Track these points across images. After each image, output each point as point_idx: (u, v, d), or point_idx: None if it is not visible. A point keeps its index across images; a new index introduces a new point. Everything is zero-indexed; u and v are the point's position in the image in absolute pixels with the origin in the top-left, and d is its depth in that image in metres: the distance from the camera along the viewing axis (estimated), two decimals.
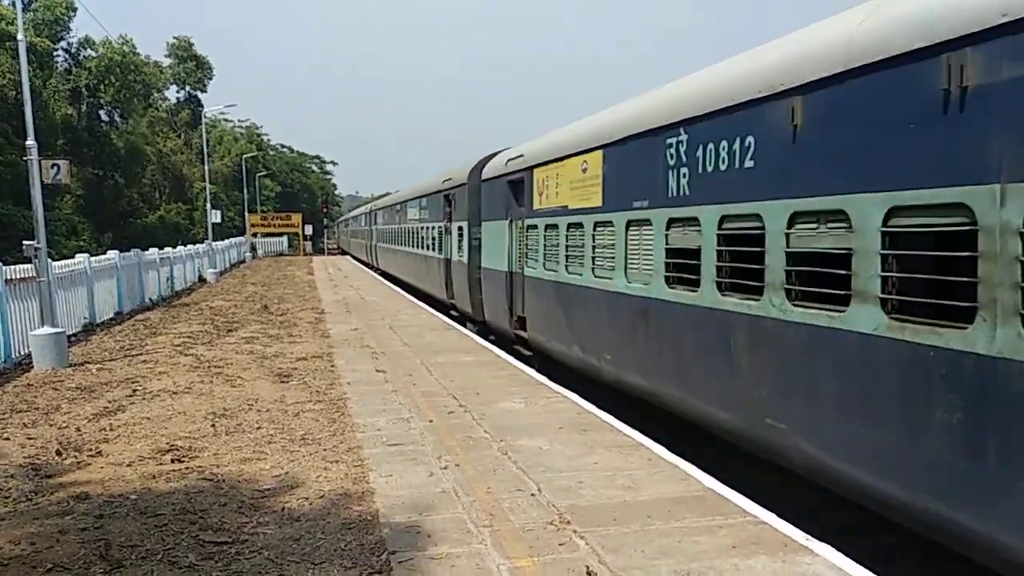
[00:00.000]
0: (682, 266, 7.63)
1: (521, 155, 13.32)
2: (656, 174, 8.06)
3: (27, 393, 10.43)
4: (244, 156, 73.84)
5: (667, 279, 7.87)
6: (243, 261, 52.62)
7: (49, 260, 13.32)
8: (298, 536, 5.31)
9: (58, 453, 7.42)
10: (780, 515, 5.63)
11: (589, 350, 10.08)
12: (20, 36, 13.30)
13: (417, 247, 25.25)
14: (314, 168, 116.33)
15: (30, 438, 8.06)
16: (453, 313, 19.13)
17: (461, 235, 17.80)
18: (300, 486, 6.35)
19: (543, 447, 7.40)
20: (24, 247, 12.80)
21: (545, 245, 11.69)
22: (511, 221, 13.70)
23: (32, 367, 12.22)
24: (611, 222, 9.20)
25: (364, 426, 8.25)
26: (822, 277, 5.59)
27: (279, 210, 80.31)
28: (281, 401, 9.52)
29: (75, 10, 54.32)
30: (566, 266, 10.81)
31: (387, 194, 57.86)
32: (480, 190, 16.30)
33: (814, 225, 5.71)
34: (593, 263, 9.86)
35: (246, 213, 65.17)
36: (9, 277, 12.82)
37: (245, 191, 68.10)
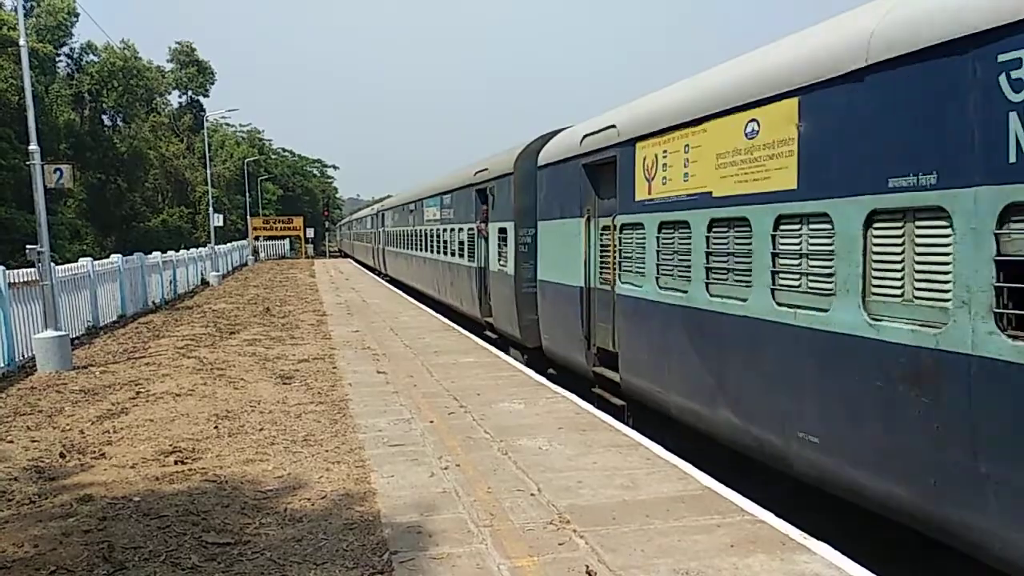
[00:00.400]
0: None
1: (610, 126, 9.62)
2: (965, 125, 4.50)
3: (31, 396, 10.48)
4: (246, 160, 73.95)
5: (997, 319, 4.33)
6: (245, 264, 52.70)
7: (52, 264, 13.37)
8: (300, 537, 5.35)
9: (62, 456, 7.47)
10: (778, 514, 5.66)
11: (760, 420, 6.50)
12: (22, 41, 13.36)
13: (437, 252, 21.52)
14: (315, 172, 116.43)
15: (34, 441, 8.11)
16: (489, 335, 15.67)
17: (504, 239, 14.08)
18: (302, 487, 6.39)
19: (543, 447, 7.44)
20: (27, 251, 12.86)
21: (661, 252, 8.23)
22: (588, 219, 10.29)
23: (36, 370, 12.27)
24: (826, 215, 5.66)
25: (365, 427, 8.29)
26: None
27: (281, 213, 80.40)
28: (283, 403, 9.57)
29: (77, 15, 54.54)
30: (708, 284, 7.27)
31: (388, 196, 53.17)
32: (535, 180, 12.72)
33: None
34: (777, 282, 6.27)
35: (248, 217, 65.23)
36: (13, 281, 12.88)
37: (247, 195, 68.18)
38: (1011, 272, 4.26)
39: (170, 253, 27.72)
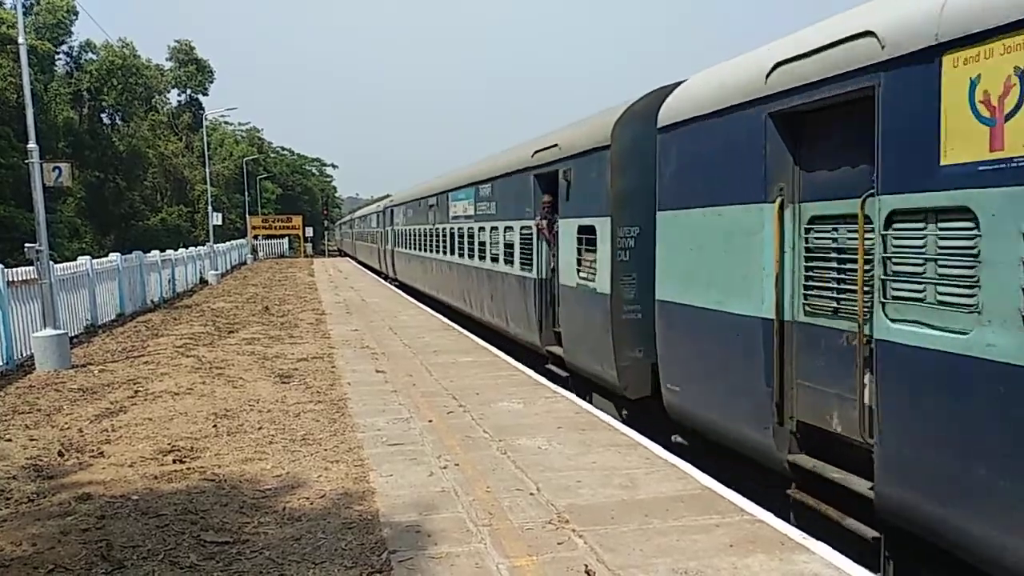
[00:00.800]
0: None
1: (846, 39, 5.42)
2: None
3: (29, 394, 10.47)
4: (245, 159, 73.95)
5: None
6: (244, 263, 52.66)
7: (51, 262, 13.36)
8: (299, 536, 5.35)
9: (60, 454, 7.46)
10: (777, 514, 5.66)
11: None
12: (21, 39, 13.35)
13: (469, 257, 17.23)
14: (314, 171, 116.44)
15: (32, 439, 8.10)
16: (553, 369, 11.65)
17: (589, 241, 9.98)
18: (301, 486, 6.39)
19: (542, 447, 7.44)
20: (26, 249, 12.85)
21: None
22: (781, 204, 6.17)
23: (34, 369, 12.26)
24: None
25: (364, 426, 8.29)
26: None
27: (280, 212, 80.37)
28: (282, 402, 9.56)
29: (76, 14, 54.53)
30: None
31: (386, 196, 50.28)
32: (652, 151, 8.32)
33: None
34: None
35: (247, 215, 65.23)
36: (11, 279, 12.87)
37: (246, 193, 68.21)
38: None
39: (169, 252, 27.71)
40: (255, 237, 64.15)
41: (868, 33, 5.15)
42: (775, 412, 6.22)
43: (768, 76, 6.30)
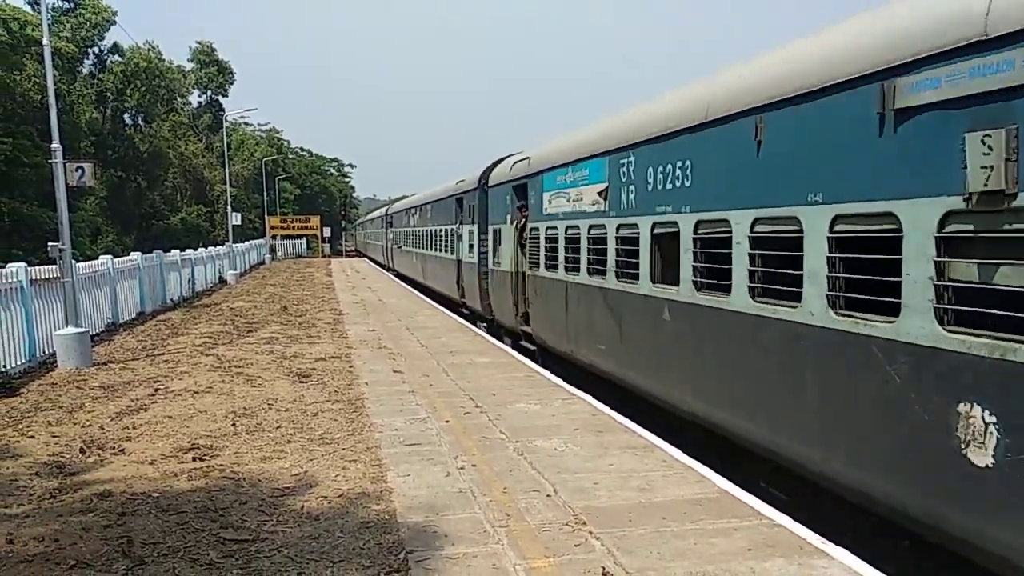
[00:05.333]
0: None
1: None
2: None
3: (51, 392, 10.59)
4: (264, 159, 74.46)
5: None
6: (263, 263, 53.02)
7: (73, 261, 13.51)
8: (317, 535, 5.37)
9: (82, 451, 7.54)
10: (795, 518, 5.62)
11: None
12: (45, 41, 13.51)
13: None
14: (332, 171, 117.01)
15: (54, 436, 8.20)
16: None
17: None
18: (319, 485, 6.42)
19: (558, 448, 7.43)
20: (49, 248, 12.99)
21: None
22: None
23: (56, 366, 12.40)
24: None
25: (382, 426, 8.31)
26: None
27: (298, 213, 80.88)
28: (300, 401, 9.61)
29: (114, 22, 55.50)
30: None
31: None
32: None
33: None
34: None
35: (266, 215, 65.72)
36: (34, 278, 13.02)
37: (265, 194, 68.69)
38: None
39: (188, 251, 27.94)
40: (273, 237, 64.63)
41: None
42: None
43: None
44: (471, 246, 18.45)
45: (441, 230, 23.51)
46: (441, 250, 23.59)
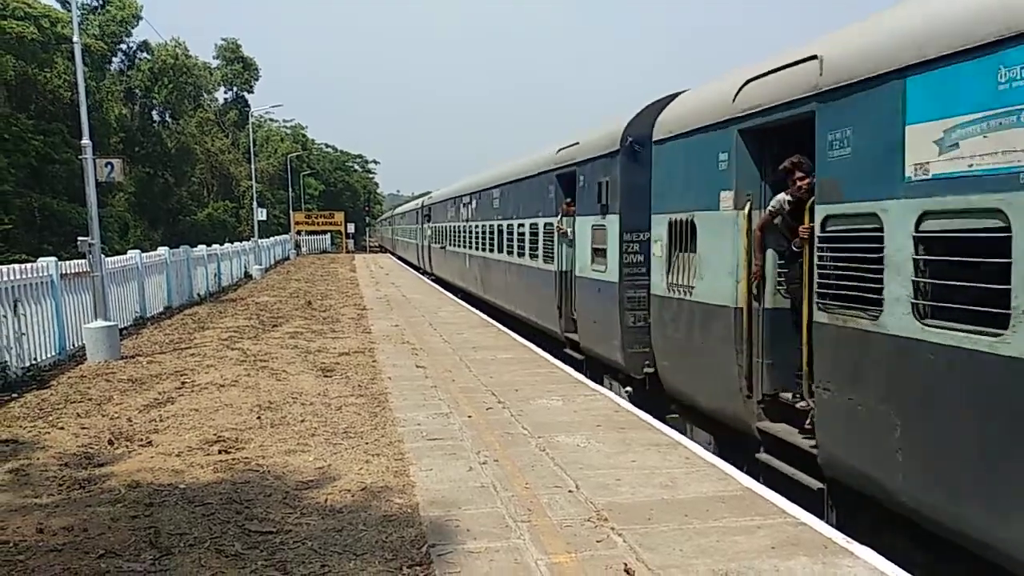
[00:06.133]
0: None
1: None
2: None
3: (81, 384, 10.76)
4: (289, 155, 74.97)
5: None
6: (287, 258, 53.46)
7: (102, 256, 13.70)
8: (340, 527, 5.41)
9: (110, 443, 7.66)
10: (820, 517, 5.57)
11: None
12: (75, 38, 13.70)
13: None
14: (356, 167, 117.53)
15: (83, 428, 8.33)
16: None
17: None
18: (342, 478, 6.47)
19: (581, 444, 7.42)
20: (78, 243, 13.19)
21: None
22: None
23: (85, 359, 12.59)
24: None
25: (404, 420, 8.36)
26: None
27: (323, 208, 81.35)
28: (324, 395, 9.69)
29: (140, 17, 56.13)
30: None
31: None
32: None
33: None
34: None
35: (291, 211, 66.17)
36: (64, 272, 13.23)
37: (290, 189, 69.15)
38: None
39: (215, 246, 28.20)
40: (298, 233, 65.06)
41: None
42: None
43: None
44: (600, 252, 10.92)
45: (522, 225, 15.66)
46: (521, 254, 15.71)
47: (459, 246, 24.21)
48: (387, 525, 5.44)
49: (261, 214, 45.16)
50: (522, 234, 15.67)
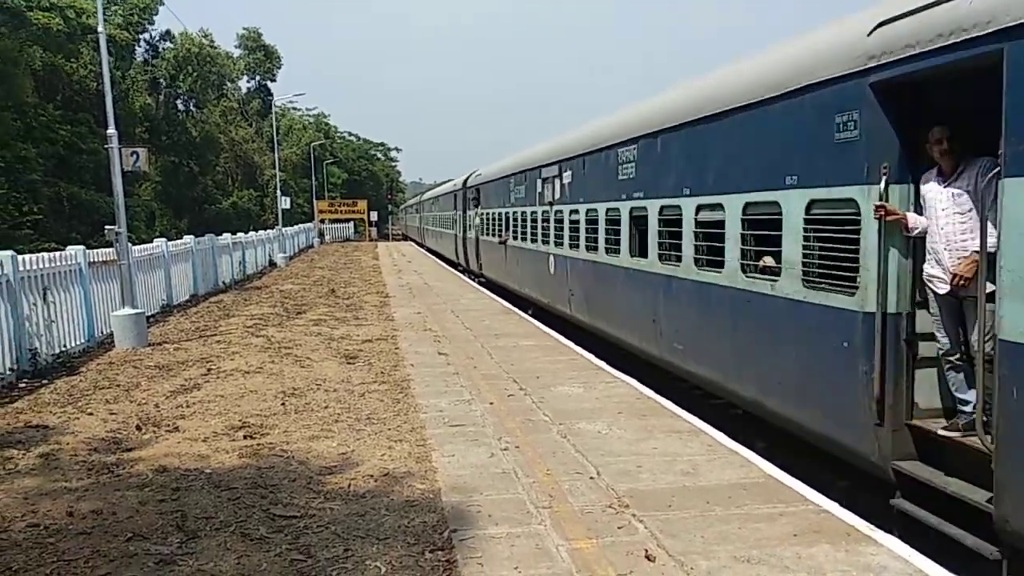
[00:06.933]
0: None
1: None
2: None
3: (109, 371, 10.93)
4: (312, 144, 75.30)
5: None
6: (311, 246, 53.78)
7: (129, 244, 13.87)
8: (363, 512, 5.47)
9: (138, 428, 7.78)
10: (843, 504, 5.54)
11: None
12: (100, 28, 13.82)
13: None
14: (379, 155, 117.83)
15: (112, 413, 8.47)
16: None
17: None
18: (365, 464, 6.53)
19: (602, 431, 7.42)
20: (106, 231, 13.36)
21: None
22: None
23: (114, 346, 12.78)
24: None
25: (427, 407, 8.40)
26: None
27: (345, 197, 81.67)
28: (347, 381, 9.76)
29: (162, 3, 56.50)
30: None
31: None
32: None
33: None
34: None
35: (314, 200, 66.50)
36: (92, 260, 13.42)
37: (313, 178, 69.45)
38: None
39: (239, 235, 28.43)
40: (322, 221, 65.39)
41: None
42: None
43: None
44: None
45: (714, 208, 8.30)
46: (738, 271, 7.80)
47: (540, 241, 16.25)
48: (409, 510, 5.48)
49: (285, 203, 45.42)
50: (716, 227, 8.17)
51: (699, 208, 8.61)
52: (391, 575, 4.53)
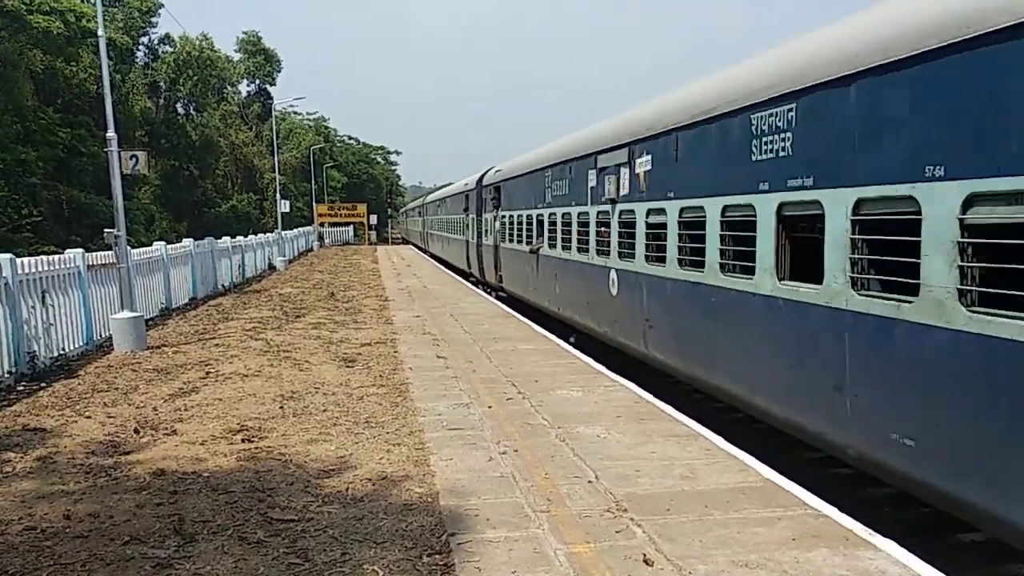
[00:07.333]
0: None
1: None
2: None
3: (107, 374, 10.92)
4: (312, 148, 75.37)
5: None
6: (311, 250, 53.79)
7: (128, 247, 13.86)
8: (361, 516, 5.46)
9: (136, 431, 7.77)
10: (842, 509, 5.53)
11: None
12: (100, 32, 13.82)
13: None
14: (379, 159, 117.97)
15: (110, 416, 8.46)
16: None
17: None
18: (363, 467, 6.52)
19: (600, 435, 7.42)
20: (105, 235, 13.36)
21: None
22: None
23: (112, 349, 12.77)
24: None
25: (425, 410, 8.39)
26: None
27: (345, 200, 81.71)
28: (346, 385, 9.75)
29: (162, 5, 56.63)
30: None
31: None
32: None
33: None
34: None
35: (314, 203, 66.52)
36: (91, 263, 13.41)
37: (313, 182, 69.49)
38: None
39: (239, 238, 28.45)
40: (321, 224, 65.41)
41: None
42: None
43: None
44: None
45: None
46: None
47: (594, 251, 12.38)
48: (407, 514, 5.48)
49: (284, 206, 45.39)
50: None
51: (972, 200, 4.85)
52: None
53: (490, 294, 21.97)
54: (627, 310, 11.03)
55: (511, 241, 19.60)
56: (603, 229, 11.95)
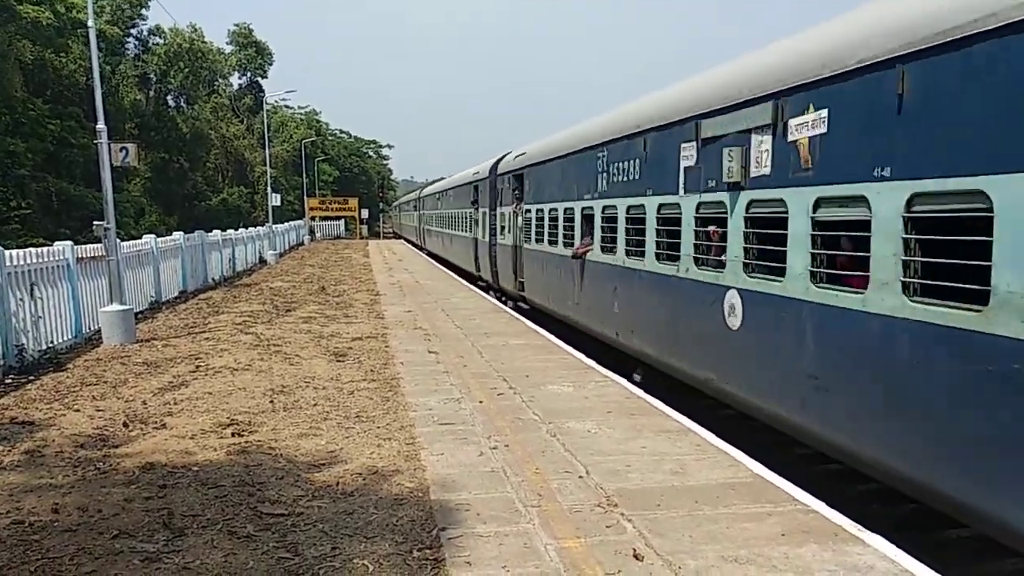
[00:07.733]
0: None
1: None
2: None
3: (96, 367, 10.86)
4: (303, 141, 75.11)
5: None
6: (302, 243, 53.64)
7: (118, 240, 13.78)
8: (351, 510, 5.45)
9: (125, 425, 7.73)
10: (831, 504, 5.55)
11: None
12: (90, 23, 13.72)
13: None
14: (371, 153, 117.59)
15: (99, 410, 8.41)
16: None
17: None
18: (353, 462, 6.51)
19: (591, 430, 7.43)
20: (94, 227, 13.28)
21: None
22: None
23: (101, 342, 12.71)
24: None
25: (416, 405, 8.38)
26: None
27: (337, 194, 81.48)
28: (337, 379, 9.73)
29: None
30: None
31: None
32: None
33: None
34: None
35: (305, 197, 66.33)
36: (80, 256, 13.33)
37: (304, 175, 69.29)
38: None
39: (229, 232, 28.33)
40: (312, 218, 65.21)
41: None
42: None
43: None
44: None
45: None
46: None
47: (697, 263, 8.55)
48: (398, 508, 5.47)
49: (275, 200, 45.21)
50: None
51: None
52: (378, 573, 4.52)
53: (504, 303, 19.07)
54: (765, 356, 7.18)
55: (538, 241, 15.90)
56: (711, 229, 8.41)
